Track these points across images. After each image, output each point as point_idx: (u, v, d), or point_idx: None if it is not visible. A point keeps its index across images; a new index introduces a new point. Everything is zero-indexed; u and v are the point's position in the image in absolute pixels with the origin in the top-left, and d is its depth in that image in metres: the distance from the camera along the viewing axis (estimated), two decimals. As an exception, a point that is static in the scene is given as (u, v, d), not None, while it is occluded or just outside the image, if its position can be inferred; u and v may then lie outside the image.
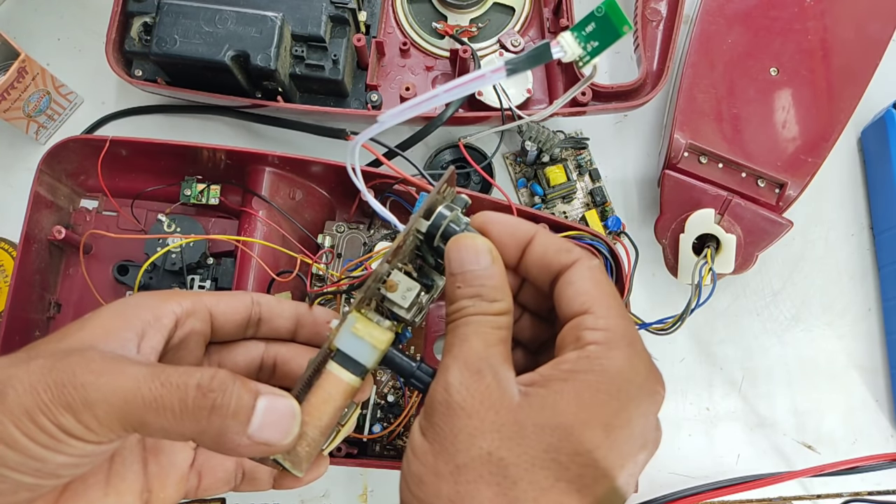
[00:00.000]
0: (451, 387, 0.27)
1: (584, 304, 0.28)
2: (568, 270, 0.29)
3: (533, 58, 0.28)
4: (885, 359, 0.56)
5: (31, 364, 0.26)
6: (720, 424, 0.55)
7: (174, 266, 0.50)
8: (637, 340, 0.28)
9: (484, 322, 0.29)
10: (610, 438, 0.26)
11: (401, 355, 0.31)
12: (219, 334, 0.34)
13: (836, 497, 0.54)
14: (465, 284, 0.29)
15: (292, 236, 0.50)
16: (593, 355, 0.27)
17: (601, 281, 0.29)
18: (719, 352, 0.56)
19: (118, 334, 0.29)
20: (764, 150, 0.52)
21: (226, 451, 0.28)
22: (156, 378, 0.26)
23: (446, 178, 0.32)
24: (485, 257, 0.30)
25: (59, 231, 0.49)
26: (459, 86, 0.28)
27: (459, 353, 0.28)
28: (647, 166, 0.58)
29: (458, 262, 0.30)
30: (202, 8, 0.48)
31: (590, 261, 0.30)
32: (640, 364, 0.28)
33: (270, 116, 0.55)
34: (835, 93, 0.52)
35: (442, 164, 0.56)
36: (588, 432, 0.26)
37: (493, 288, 0.29)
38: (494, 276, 0.30)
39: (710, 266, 0.49)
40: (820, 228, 0.58)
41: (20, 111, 0.53)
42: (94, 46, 0.57)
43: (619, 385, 0.27)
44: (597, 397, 0.26)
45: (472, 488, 0.26)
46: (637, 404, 0.27)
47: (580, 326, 0.28)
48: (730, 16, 0.53)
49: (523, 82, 0.53)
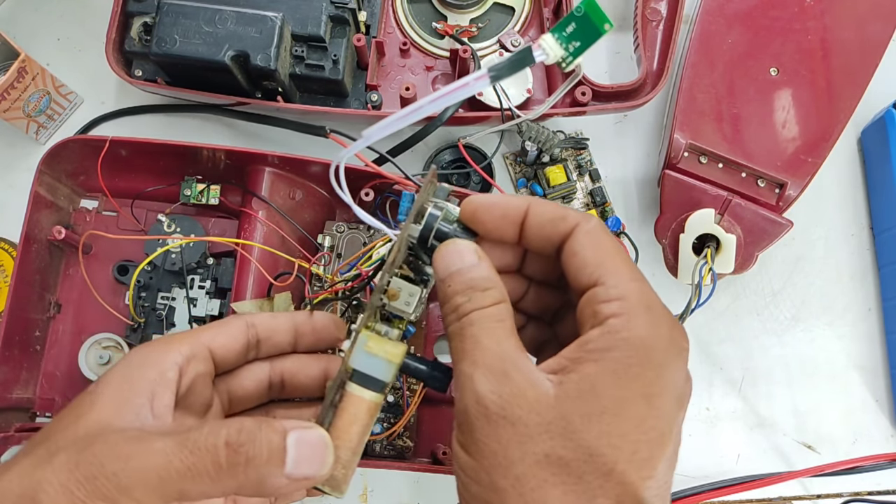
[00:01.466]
0: (484, 397, 0.26)
1: (592, 274, 0.28)
2: (569, 239, 0.29)
3: (516, 62, 0.28)
4: (885, 359, 0.56)
5: (54, 462, 0.26)
6: (720, 424, 0.55)
7: (174, 266, 0.50)
8: (654, 301, 0.28)
9: (487, 317, 0.28)
10: (653, 407, 0.27)
11: (414, 361, 0.32)
12: (222, 367, 0.34)
13: (836, 497, 0.54)
14: (454, 283, 0.29)
15: (292, 236, 0.50)
16: (614, 329, 0.27)
17: (603, 244, 0.29)
18: (719, 352, 0.56)
19: (130, 403, 0.29)
20: (764, 150, 0.52)
21: (268, 494, 0.28)
22: (184, 447, 0.26)
23: (430, 180, 0.32)
24: (469, 256, 0.30)
25: (59, 231, 0.49)
26: (443, 96, 0.28)
27: (478, 358, 0.27)
28: (647, 166, 0.58)
29: (444, 267, 0.30)
30: (202, 8, 0.48)
31: (587, 223, 0.29)
32: (663, 326, 0.27)
33: (261, 115, 0.55)
34: (835, 93, 0.52)
35: (442, 164, 0.56)
36: (633, 408, 0.26)
37: (483, 278, 0.29)
38: (483, 268, 0.29)
39: (710, 266, 0.49)
40: (820, 228, 0.58)
41: (20, 111, 0.53)
42: (94, 46, 0.57)
43: (648, 354, 0.27)
44: (630, 371, 0.26)
45: (538, 495, 0.25)
46: (668, 367, 0.27)
47: (594, 300, 0.27)
48: (730, 16, 0.53)
49: (523, 82, 0.53)
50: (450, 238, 0.31)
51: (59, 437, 0.28)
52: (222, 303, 0.50)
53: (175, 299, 0.51)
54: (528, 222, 0.30)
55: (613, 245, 0.29)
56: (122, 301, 0.51)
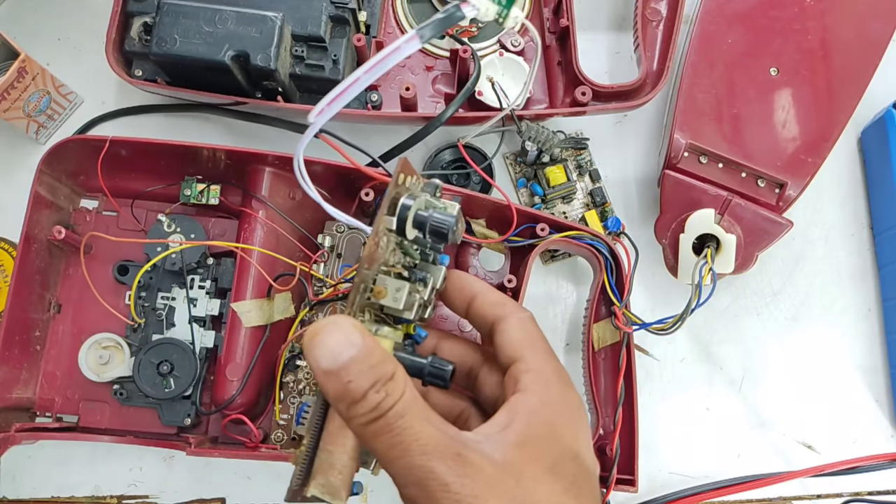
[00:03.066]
0: (452, 485, 0.26)
1: (515, 351, 0.33)
2: (503, 322, 0.33)
3: (444, 20, 0.27)
4: (885, 359, 0.56)
5: None
6: (720, 424, 0.55)
7: (174, 266, 0.50)
8: (563, 373, 0.33)
9: (411, 403, 0.27)
10: (582, 436, 0.32)
11: (410, 356, 0.31)
12: None
13: (836, 497, 0.54)
14: (354, 375, 0.26)
15: (292, 236, 0.50)
16: (531, 390, 0.31)
17: (528, 330, 0.34)
18: (719, 352, 0.56)
19: None
20: (764, 150, 0.52)
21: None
22: None
23: (399, 170, 0.31)
24: (354, 336, 0.26)
25: (59, 231, 0.49)
26: (378, 63, 0.27)
27: (427, 449, 0.26)
28: (647, 166, 0.58)
29: (330, 358, 0.26)
30: (202, 8, 0.48)
31: (519, 313, 0.34)
32: (570, 391, 0.33)
33: (261, 115, 0.55)
34: (835, 93, 0.52)
35: (442, 164, 0.56)
36: (569, 436, 0.31)
37: (384, 361, 0.27)
38: (377, 349, 0.27)
39: (710, 266, 0.49)
40: (820, 228, 0.58)
41: (20, 111, 0.53)
42: (94, 46, 0.57)
43: (566, 403, 0.32)
44: (552, 422, 0.31)
45: None
46: (581, 412, 0.33)
47: (515, 373, 0.32)
48: (730, 16, 0.53)
49: (523, 82, 0.53)
50: (436, 225, 0.29)
51: None
52: (222, 303, 0.50)
53: (175, 299, 0.50)
54: (474, 301, 0.35)
55: (537, 332, 0.34)
56: (123, 301, 0.51)
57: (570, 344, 0.55)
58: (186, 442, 0.47)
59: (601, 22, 0.60)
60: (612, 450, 0.47)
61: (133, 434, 0.49)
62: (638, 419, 0.48)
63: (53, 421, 0.50)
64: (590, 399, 0.50)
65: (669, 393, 0.55)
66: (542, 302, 0.56)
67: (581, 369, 0.51)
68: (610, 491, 0.46)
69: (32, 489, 0.53)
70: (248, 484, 0.53)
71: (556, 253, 0.56)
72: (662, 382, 0.55)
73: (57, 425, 0.50)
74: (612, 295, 0.48)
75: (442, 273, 0.34)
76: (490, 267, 0.52)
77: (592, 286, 0.52)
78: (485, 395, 0.35)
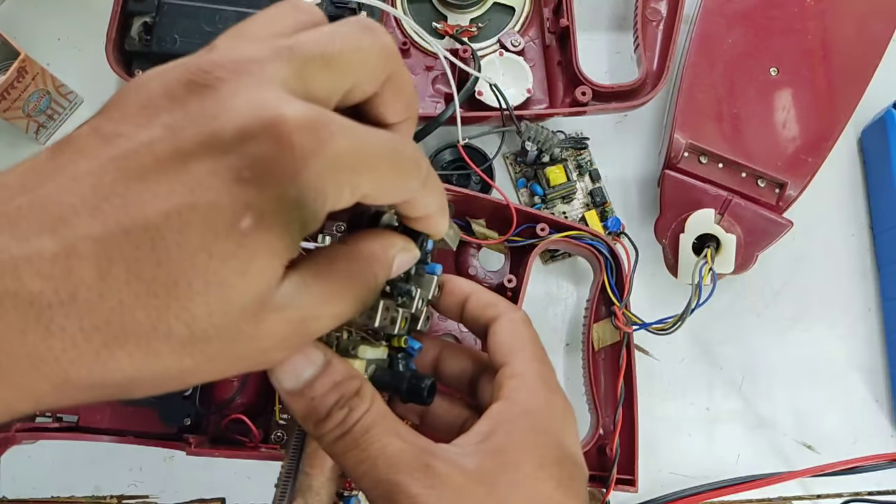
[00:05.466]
0: (418, 497, 0.25)
1: (503, 355, 0.31)
2: (495, 323, 0.32)
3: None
4: (885, 359, 0.56)
5: None
6: (720, 424, 0.55)
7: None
8: (549, 379, 0.32)
9: (378, 416, 0.26)
10: (569, 440, 0.30)
11: (391, 374, 0.29)
12: None
13: (836, 497, 0.54)
14: (318, 392, 0.25)
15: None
16: (512, 398, 0.30)
17: (517, 332, 0.32)
18: (719, 352, 0.56)
19: None
20: (764, 150, 0.52)
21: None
22: None
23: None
24: (313, 354, 0.26)
25: (59, 231, 0.49)
26: None
27: (394, 463, 0.26)
28: (647, 166, 0.58)
29: (293, 377, 0.25)
30: (202, 8, 0.48)
31: (511, 314, 0.32)
32: (555, 396, 0.31)
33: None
34: (835, 93, 0.52)
35: (442, 165, 0.56)
36: (553, 441, 0.29)
37: (348, 377, 0.26)
38: (339, 364, 0.26)
39: (710, 266, 0.49)
40: (820, 228, 0.58)
41: (20, 111, 0.53)
42: (94, 46, 0.57)
43: (549, 408, 0.30)
44: (534, 431, 0.29)
45: None
46: (568, 416, 0.31)
47: (500, 378, 0.31)
48: (730, 16, 0.53)
49: (523, 82, 0.53)
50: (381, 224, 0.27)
51: None
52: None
53: (175, 299, 0.50)
54: (468, 303, 0.33)
55: (527, 334, 0.32)
56: (122, 301, 0.51)
57: (570, 344, 0.55)
58: (186, 442, 0.47)
59: (601, 22, 0.60)
60: (612, 450, 0.47)
61: (133, 434, 0.49)
62: (638, 419, 0.48)
63: (53, 421, 0.50)
64: (590, 399, 0.50)
65: (669, 393, 0.55)
66: (542, 302, 0.56)
67: (581, 369, 0.51)
68: (610, 491, 0.46)
69: (32, 489, 0.53)
70: (248, 484, 0.53)
71: (556, 253, 0.56)
72: (662, 382, 0.55)
73: (57, 425, 0.50)
74: (612, 295, 0.48)
75: (433, 283, 0.32)
76: (490, 267, 0.52)
77: (592, 286, 0.52)
78: (484, 403, 0.34)
